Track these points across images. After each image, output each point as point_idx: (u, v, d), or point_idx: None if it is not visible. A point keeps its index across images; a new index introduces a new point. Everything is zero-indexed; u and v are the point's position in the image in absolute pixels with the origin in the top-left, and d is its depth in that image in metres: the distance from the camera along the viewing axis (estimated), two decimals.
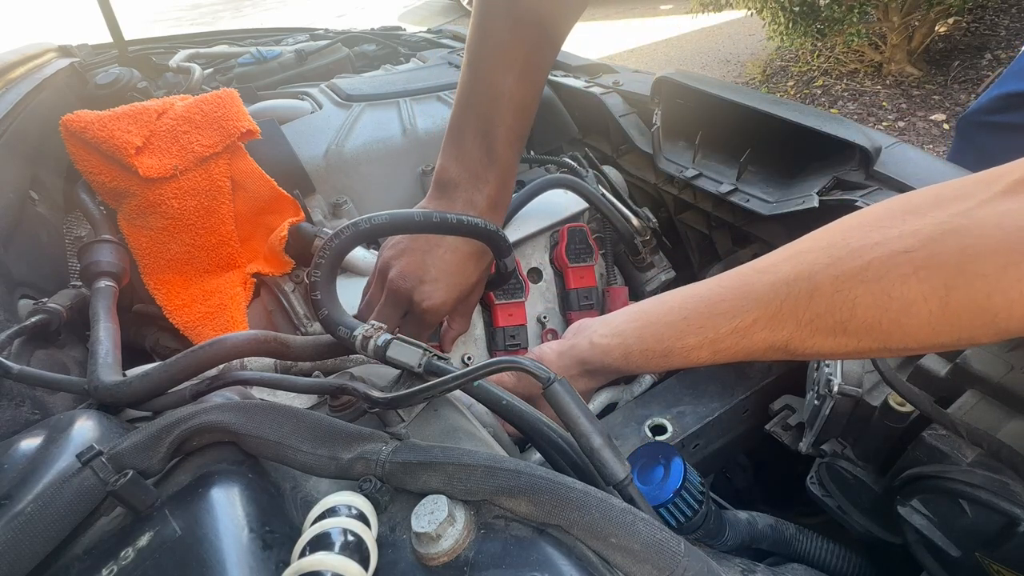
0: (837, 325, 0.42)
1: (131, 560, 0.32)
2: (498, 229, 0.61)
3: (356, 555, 0.31)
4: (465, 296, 0.67)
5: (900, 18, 3.07)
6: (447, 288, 0.63)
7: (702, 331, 0.51)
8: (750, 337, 0.48)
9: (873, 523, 0.61)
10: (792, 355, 0.46)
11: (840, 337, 0.42)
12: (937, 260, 0.37)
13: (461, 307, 0.70)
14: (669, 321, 0.54)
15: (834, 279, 0.42)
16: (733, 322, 0.48)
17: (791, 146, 0.77)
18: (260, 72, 1.18)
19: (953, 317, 0.37)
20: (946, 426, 0.49)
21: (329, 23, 5.40)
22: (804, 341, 0.44)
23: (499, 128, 0.62)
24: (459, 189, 0.64)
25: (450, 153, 0.65)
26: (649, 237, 0.88)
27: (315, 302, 0.49)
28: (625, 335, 0.58)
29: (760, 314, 0.47)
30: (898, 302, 0.38)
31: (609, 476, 0.40)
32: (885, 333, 0.40)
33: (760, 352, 0.48)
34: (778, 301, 0.45)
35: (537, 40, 0.62)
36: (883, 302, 0.39)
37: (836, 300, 0.42)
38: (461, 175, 0.64)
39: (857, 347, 0.42)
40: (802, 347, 0.45)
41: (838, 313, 0.42)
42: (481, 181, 0.64)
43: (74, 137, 0.70)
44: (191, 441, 0.39)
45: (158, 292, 0.73)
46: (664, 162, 0.90)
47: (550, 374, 0.40)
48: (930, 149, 2.82)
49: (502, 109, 0.62)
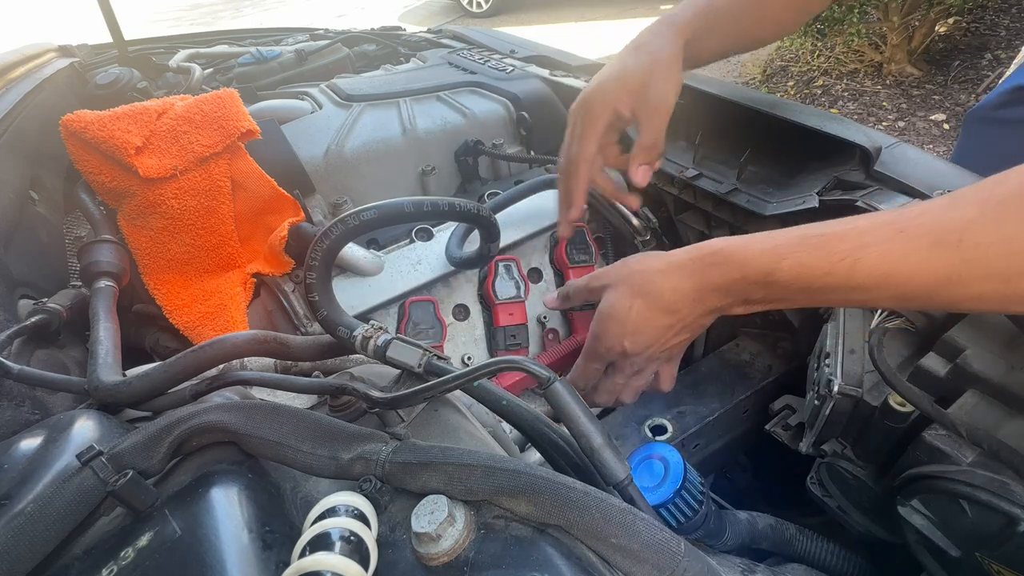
0: None
1: (131, 560, 0.32)
2: (490, 214, 0.61)
3: (356, 555, 0.31)
4: (635, 88, 0.68)
5: (900, 18, 3.07)
6: (607, 75, 0.69)
7: (846, 222, 0.45)
8: (912, 227, 0.41)
9: (873, 523, 0.61)
10: (967, 262, 0.38)
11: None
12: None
13: (643, 110, 0.70)
14: (806, 226, 0.48)
15: None
16: (889, 215, 0.43)
17: (791, 146, 0.77)
18: (260, 72, 1.18)
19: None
20: (946, 426, 0.49)
21: (329, 23, 5.40)
22: (988, 230, 0.37)
23: (682, 19, 0.71)
24: (642, 33, 0.70)
25: None
26: (649, 237, 0.88)
27: (313, 303, 0.49)
28: (750, 236, 0.52)
29: (927, 205, 0.41)
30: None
31: (609, 476, 0.40)
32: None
33: (923, 251, 0.40)
34: (953, 194, 0.40)
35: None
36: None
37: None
38: (643, 38, 0.70)
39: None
40: (985, 239, 0.37)
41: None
42: (663, 19, 0.71)
43: (74, 137, 0.70)
44: (191, 441, 0.39)
45: (158, 292, 0.73)
46: (664, 162, 0.89)
47: (550, 374, 0.40)
48: (930, 149, 2.82)
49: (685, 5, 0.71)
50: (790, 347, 0.81)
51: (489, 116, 0.99)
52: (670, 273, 0.55)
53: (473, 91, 1.04)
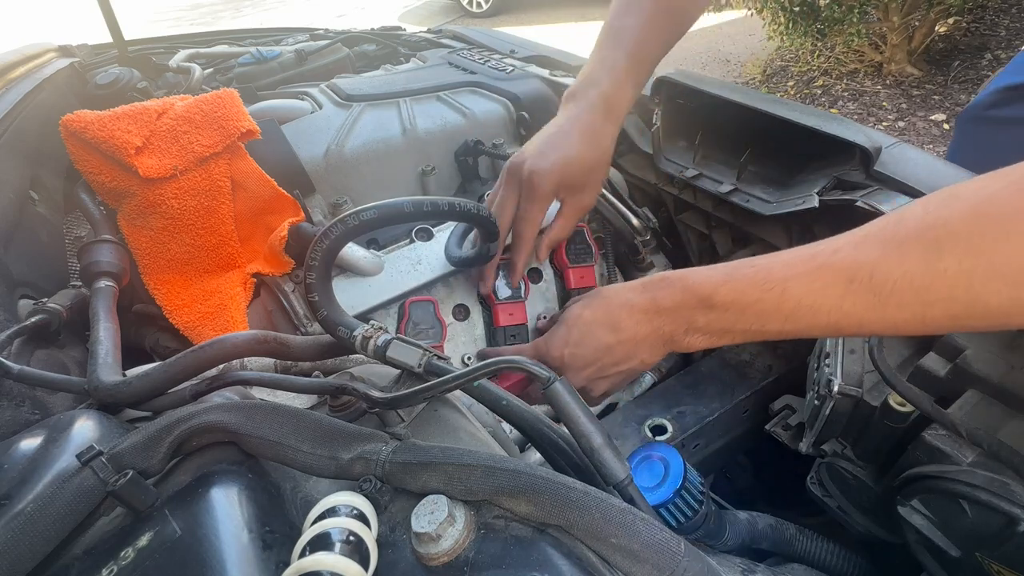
0: (931, 244, 0.39)
1: (131, 560, 0.32)
2: (489, 214, 0.63)
3: (356, 555, 0.31)
4: (574, 181, 0.72)
5: (900, 18, 3.07)
6: (555, 159, 0.70)
7: (776, 256, 0.49)
8: (830, 263, 0.44)
9: (873, 523, 0.61)
10: (880, 299, 0.41)
11: (934, 259, 0.38)
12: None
13: (570, 202, 0.74)
14: (746, 259, 0.53)
15: (924, 203, 0.41)
16: (814, 248, 0.46)
17: (791, 146, 0.77)
18: (260, 72, 1.18)
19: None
20: (946, 426, 0.49)
21: (329, 23, 5.40)
22: (892, 268, 0.40)
23: (619, 54, 0.73)
24: (578, 95, 0.73)
25: (579, 74, 0.75)
26: (649, 237, 0.88)
27: (313, 303, 0.49)
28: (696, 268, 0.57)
29: (844, 242, 0.45)
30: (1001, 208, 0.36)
31: (609, 476, 0.40)
32: (989, 247, 0.36)
33: (841, 284, 0.43)
34: (864, 232, 0.44)
35: None
36: (982, 208, 0.37)
37: (927, 220, 0.40)
38: (583, 86, 0.73)
39: (959, 268, 0.38)
40: (891, 278, 0.41)
41: (931, 231, 0.39)
42: (600, 86, 0.73)
43: (74, 137, 0.70)
44: (191, 441, 0.39)
45: (158, 292, 0.73)
46: (664, 162, 0.90)
47: (550, 374, 0.40)
48: (930, 149, 2.82)
49: (624, 37, 0.73)
50: (790, 347, 0.81)
51: (489, 116, 0.99)
52: (621, 292, 0.60)
53: (473, 91, 1.04)
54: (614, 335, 0.59)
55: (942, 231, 0.39)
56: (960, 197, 0.39)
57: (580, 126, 0.72)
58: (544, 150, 0.70)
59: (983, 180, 0.39)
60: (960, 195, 0.40)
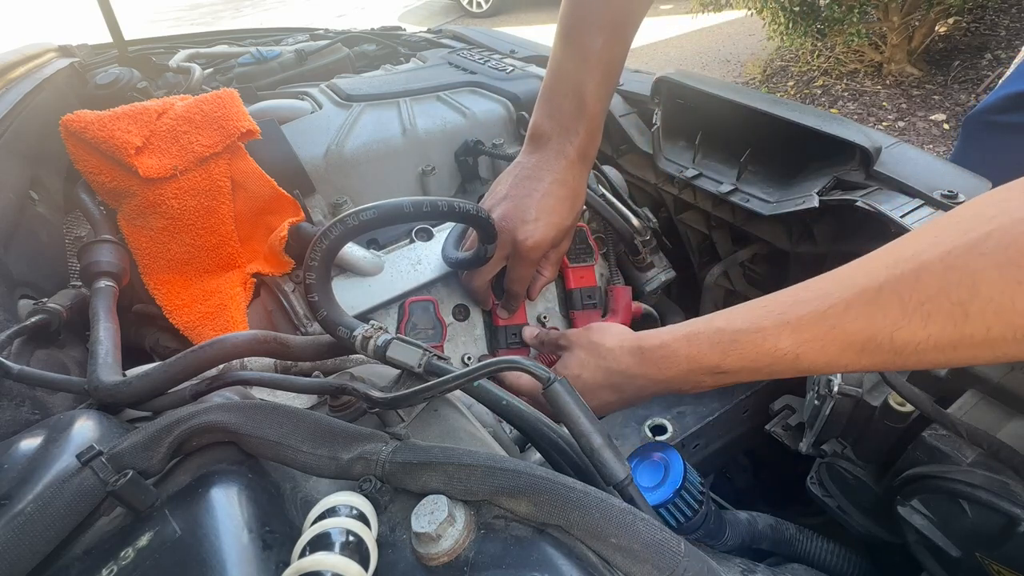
0: (956, 308, 0.35)
1: (131, 560, 0.32)
2: (488, 216, 0.63)
3: (356, 555, 0.31)
4: (560, 239, 0.73)
5: (900, 18, 3.07)
6: (546, 227, 0.69)
7: (782, 315, 0.45)
8: (842, 326, 0.41)
9: (873, 523, 0.61)
10: (902, 357, 0.39)
11: (962, 324, 0.35)
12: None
13: (553, 253, 0.75)
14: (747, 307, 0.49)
15: (944, 255, 0.36)
16: (822, 304, 0.42)
17: (791, 146, 0.77)
18: (260, 72, 1.18)
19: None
20: (946, 426, 0.49)
21: (329, 23, 5.40)
22: (916, 331, 0.37)
23: (588, 85, 0.68)
24: (551, 141, 0.71)
25: (543, 111, 0.72)
26: (649, 237, 0.88)
27: (312, 304, 0.49)
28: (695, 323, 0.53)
29: (855, 296, 0.40)
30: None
31: (609, 476, 0.40)
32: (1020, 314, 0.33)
33: (856, 347, 0.40)
34: (877, 283, 0.39)
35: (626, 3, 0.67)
36: (1014, 274, 0.33)
37: (951, 277, 0.35)
38: (553, 129, 0.71)
39: (987, 336, 0.35)
40: (914, 340, 0.38)
41: (955, 292, 0.35)
42: (572, 133, 0.70)
43: (74, 137, 0.70)
44: (191, 441, 0.39)
45: (158, 292, 0.73)
46: (664, 162, 0.90)
47: (550, 374, 0.40)
48: (930, 149, 2.82)
49: (592, 68, 0.68)
50: None
51: (489, 116, 0.99)
52: (621, 357, 0.58)
53: (473, 91, 1.04)
54: (616, 395, 0.59)
55: (966, 295, 0.35)
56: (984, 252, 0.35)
57: (561, 186, 0.70)
58: (532, 216, 0.69)
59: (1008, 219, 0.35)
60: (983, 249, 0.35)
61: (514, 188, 0.71)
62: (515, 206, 0.70)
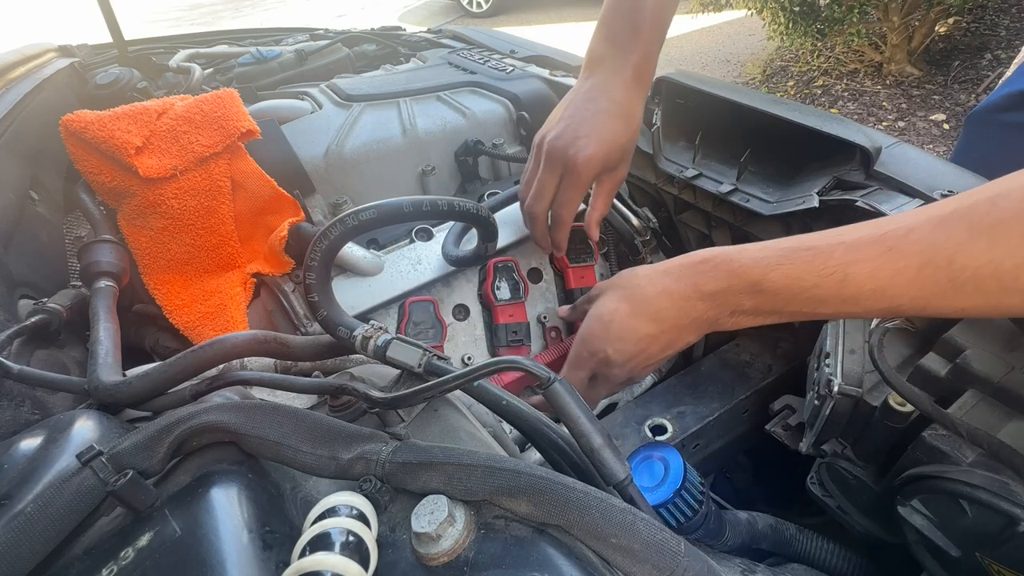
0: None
1: (131, 560, 0.32)
2: (488, 213, 0.63)
3: (356, 555, 0.31)
4: (613, 160, 0.70)
5: (900, 18, 3.07)
6: (599, 143, 0.68)
7: (837, 235, 0.44)
8: (900, 247, 0.40)
9: (873, 523, 0.61)
10: (956, 285, 0.38)
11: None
12: None
13: (608, 179, 0.73)
14: (798, 238, 0.48)
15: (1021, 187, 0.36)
16: (880, 228, 0.41)
17: (791, 146, 0.77)
18: (260, 72, 1.18)
19: None
20: (946, 426, 0.49)
21: (329, 23, 5.39)
22: (979, 254, 0.37)
23: (645, 10, 0.70)
24: (605, 62, 0.71)
25: (600, 35, 0.73)
26: (649, 237, 0.88)
27: (312, 304, 0.49)
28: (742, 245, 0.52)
29: (919, 223, 0.40)
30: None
31: (609, 476, 0.40)
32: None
33: (912, 270, 0.40)
34: (946, 211, 0.39)
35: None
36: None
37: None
38: (608, 50, 0.71)
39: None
40: (974, 263, 0.37)
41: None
42: (628, 53, 0.70)
43: (74, 137, 0.70)
44: (191, 441, 0.39)
45: (158, 292, 0.73)
46: (664, 162, 0.90)
47: (550, 374, 0.40)
48: (930, 149, 2.82)
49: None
50: (790, 347, 0.81)
51: (489, 116, 0.99)
52: (656, 279, 0.55)
53: (473, 91, 1.04)
54: (656, 325, 0.55)
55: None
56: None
57: (616, 105, 0.69)
58: (585, 132, 0.68)
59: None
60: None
61: (568, 110, 0.70)
62: (567, 126, 0.69)
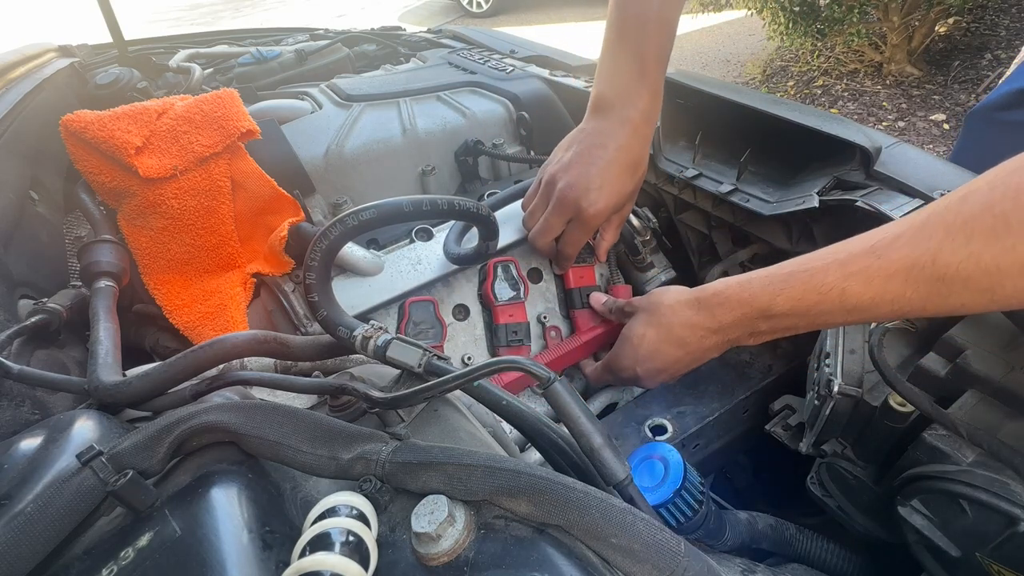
0: (998, 220, 0.37)
1: (131, 560, 0.32)
2: (489, 212, 0.64)
3: (356, 555, 0.31)
4: (621, 206, 0.75)
5: (900, 18, 3.07)
6: (609, 195, 0.71)
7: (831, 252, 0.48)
8: (887, 255, 0.43)
9: (873, 523, 0.61)
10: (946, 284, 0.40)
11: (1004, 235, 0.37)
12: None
13: (616, 217, 0.78)
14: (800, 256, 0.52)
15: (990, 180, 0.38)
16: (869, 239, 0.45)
17: (791, 146, 0.77)
18: (260, 72, 1.18)
19: None
20: (946, 426, 0.49)
21: (329, 23, 5.39)
22: (957, 249, 0.39)
23: (649, 48, 0.70)
24: (614, 108, 0.72)
25: (604, 78, 0.73)
26: (649, 237, 0.88)
27: (312, 304, 0.49)
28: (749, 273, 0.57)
29: (902, 230, 0.43)
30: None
31: (609, 476, 0.40)
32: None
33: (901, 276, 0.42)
34: (924, 215, 0.42)
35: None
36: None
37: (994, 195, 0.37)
38: (616, 95, 0.72)
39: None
40: (955, 260, 0.39)
41: (998, 206, 0.37)
42: (635, 96, 0.71)
43: (74, 137, 0.70)
44: (191, 441, 0.39)
45: (158, 292, 0.73)
46: (664, 162, 0.90)
47: (549, 374, 0.40)
48: (930, 149, 2.82)
49: (650, 31, 0.69)
50: (790, 347, 0.81)
51: (489, 116, 0.99)
52: (680, 310, 0.61)
53: (473, 91, 1.04)
54: (682, 350, 0.61)
55: (1009, 205, 0.37)
56: None
57: (625, 154, 0.71)
58: (596, 184, 0.70)
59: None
60: None
61: (579, 156, 0.72)
62: (579, 174, 0.71)
